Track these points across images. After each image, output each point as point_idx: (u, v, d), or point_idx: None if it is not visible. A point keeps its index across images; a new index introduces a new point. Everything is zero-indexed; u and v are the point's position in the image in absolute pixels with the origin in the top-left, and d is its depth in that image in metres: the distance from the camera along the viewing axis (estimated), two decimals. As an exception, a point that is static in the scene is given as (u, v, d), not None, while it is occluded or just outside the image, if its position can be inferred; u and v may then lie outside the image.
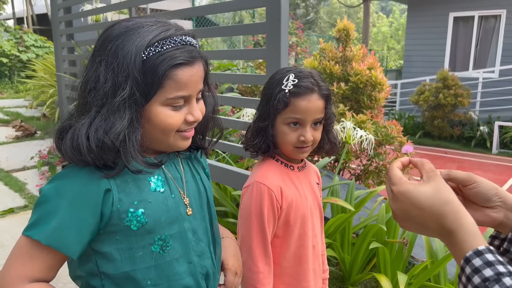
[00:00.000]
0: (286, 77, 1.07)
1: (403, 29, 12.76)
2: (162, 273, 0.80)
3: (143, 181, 0.79)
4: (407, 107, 10.42)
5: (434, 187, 0.62)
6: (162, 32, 0.75)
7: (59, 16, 4.23)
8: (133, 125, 0.74)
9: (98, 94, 0.73)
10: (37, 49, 9.84)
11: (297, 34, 8.01)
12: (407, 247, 2.23)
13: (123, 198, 0.76)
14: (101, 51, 0.75)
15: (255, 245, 1.08)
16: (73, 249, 0.73)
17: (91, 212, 0.73)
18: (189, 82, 0.77)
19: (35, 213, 0.73)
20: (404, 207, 0.64)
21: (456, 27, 10.28)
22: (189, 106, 0.80)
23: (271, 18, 1.89)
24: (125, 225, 0.76)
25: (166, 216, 0.80)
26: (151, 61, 0.73)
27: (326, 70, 4.04)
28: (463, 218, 0.58)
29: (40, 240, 0.70)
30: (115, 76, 0.72)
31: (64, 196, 0.72)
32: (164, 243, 0.80)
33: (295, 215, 1.11)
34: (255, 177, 1.10)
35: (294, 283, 1.15)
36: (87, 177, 0.74)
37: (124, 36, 0.74)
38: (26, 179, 3.63)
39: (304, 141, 1.07)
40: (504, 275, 0.50)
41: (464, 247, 0.56)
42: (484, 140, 8.53)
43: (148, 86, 0.74)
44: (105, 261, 0.77)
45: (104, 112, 0.72)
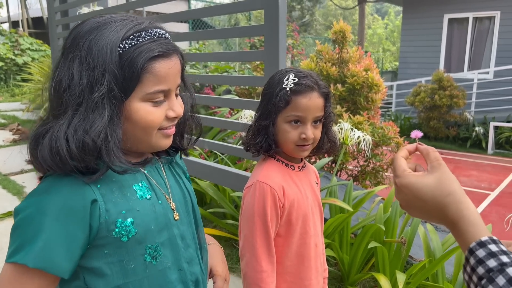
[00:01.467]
0: (286, 77, 1.09)
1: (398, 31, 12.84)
2: (155, 283, 0.77)
3: (129, 189, 0.75)
4: (403, 109, 10.48)
5: (437, 178, 0.62)
6: (136, 25, 0.72)
7: (56, 19, 4.24)
8: (113, 123, 0.70)
9: (74, 93, 0.68)
10: (32, 53, 9.82)
11: (293, 36, 8.04)
12: (405, 246, 2.25)
13: (110, 209, 0.71)
14: (72, 48, 0.71)
15: (258, 245, 1.08)
16: (63, 268, 0.67)
17: (80, 226, 0.68)
18: (168, 75, 0.74)
19: (17, 236, 0.66)
20: (408, 198, 0.65)
21: (450, 29, 10.36)
22: (169, 101, 0.78)
23: (269, 20, 1.91)
24: (114, 237, 0.71)
25: (155, 223, 0.77)
26: (128, 54, 0.70)
27: (323, 72, 4.07)
28: (465, 209, 0.59)
29: (27, 263, 0.64)
30: (91, 72, 0.69)
31: (47, 213, 0.66)
32: (155, 252, 0.77)
33: (297, 214, 1.12)
34: (257, 177, 1.11)
35: (297, 281, 1.16)
36: (69, 189, 0.69)
37: (96, 31, 0.70)
38: (24, 182, 3.63)
39: (305, 139, 1.08)
40: (507, 265, 0.51)
41: (467, 237, 0.57)
42: (480, 140, 8.59)
43: (126, 80, 0.71)
44: (94, 277, 0.72)
45: (82, 111, 0.68)
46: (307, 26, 27.42)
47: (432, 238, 2.28)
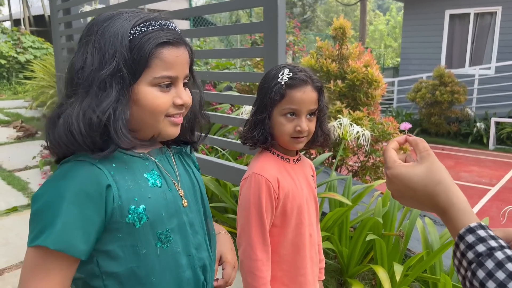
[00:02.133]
0: (281, 71, 1.13)
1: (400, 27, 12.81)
2: (165, 267, 0.80)
3: (140, 177, 0.78)
4: (404, 105, 10.49)
5: (426, 168, 0.64)
6: (147, 15, 0.77)
7: (58, 17, 4.27)
8: (121, 103, 0.73)
9: (86, 73, 0.73)
10: (35, 51, 9.86)
11: (294, 33, 8.05)
12: (403, 239, 2.28)
13: (123, 195, 0.74)
14: (88, 35, 0.76)
15: (253, 234, 1.12)
16: (81, 250, 0.70)
17: (96, 211, 0.72)
18: (175, 63, 0.78)
19: (37, 221, 0.69)
20: (399, 188, 0.67)
21: (452, 25, 10.35)
22: (176, 89, 0.80)
23: (268, 17, 1.94)
24: (127, 222, 0.74)
25: (166, 210, 0.80)
26: (138, 39, 0.74)
27: (323, 68, 4.10)
28: (454, 197, 0.61)
29: (48, 245, 0.67)
30: (102, 54, 0.73)
31: (64, 198, 0.69)
32: (166, 238, 0.80)
33: (291, 205, 1.16)
34: (253, 169, 1.15)
35: (292, 270, 1.20)
36: (85, 175, 0.72)
37: (110, 20, 0.75)
38: (28, 178, 3.68)
39: (300, 131, 1.12)
40: (496, 250, 0.53)
41: (456, 224, 0.59)
42: (481, 136, 8.60)
43: (135, 63, 0.74)
44: (108, 259, 0.75)
45: (92, 91, 0.72)
46: (308, 23, 27.38)
47: (430, 231, 2.31)
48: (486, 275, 0.52)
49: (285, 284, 1.20)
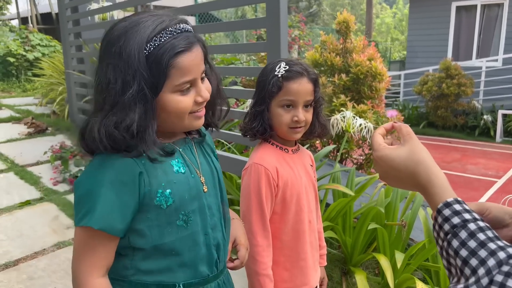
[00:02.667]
0: (278, 65, 1.19)
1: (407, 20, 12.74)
2: (184, 244, 0.90)
3: (167, 165, 0.88)
4: (411, 98, 10.46)
5: (408, 149, 0.70)
6: (158, 26, 0.80)
7: (66, 15, 4.35)
8: (146, 118, 0.80)
9: (111, 94, 0.79)
10: (43, 48, 9.96)
11: (300, 27, 8.07)
12: (405, 229, 2.33)
13: (152, 181, 0.84)
14: (106, 54, 0.81)
15: (254, 221, 1.19)
16: (119, 230, 0.82)
17: (131, 196, 0.82)
18: (191, 67, 0.83)
19: (81, 205, 0.81)
20: (384, 169, 0.73)
21: (458, 17, 10.28)
22: (196, 88, 0.86)
23: (271, 13, 1.99)
24: (155, 204, 0.85)
25: (189, 193, 0.89)
26: (154, 55, 0.79)
27: (327, 62, 4.14)
28: (433, 176, 0.66)
29: (94, 226, 0.79)
30: (124, 75, 0.78)
31: (104, 184, 0.80)
32: (187, 218, 0.89)
33: (291, 192, 1.22)
34: (253, 159, 1.21)
35: (293, 255, 1.26)
36: (120, 164, 0.81)
37: (124, 37, 0.79)
38: (40, 173, 3.77)
39: (297, 121, 1.18)
40: (469, 221, 0.58)
41: (435, 200, 0.64)
42: (488, 128, 8.58)
43: (155, 78, 0.79)
44: (137, 237, 0.86)
45: (116, 109, 0.79)
46: (314, 17, 27.27)
47: (432, 221, 2.36)
48: (459, 244, 0.57)
49: (287, 268, 1.26)
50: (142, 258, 0.88)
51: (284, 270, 1.26)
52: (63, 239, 2.67)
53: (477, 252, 0.55)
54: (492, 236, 0.57)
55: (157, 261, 0.88)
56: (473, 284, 0.54)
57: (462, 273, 0.57)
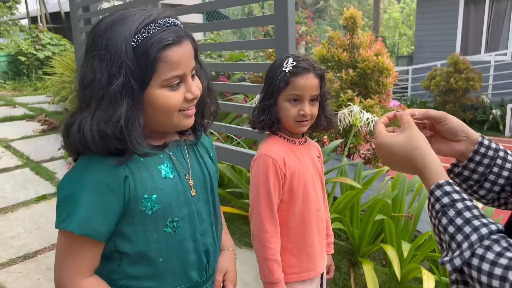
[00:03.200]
0: (285, 61, 1.24)
1: (415, 15, 12.66)
2: (172, 250, 0.87)
3: (154, 169, 0.84)
4: (419, 93, 10.43)
5: (407, 136, 0.75)
6: (146, 18, 0.77)
7: (78, 14, 4.44)
8: (132, 112, 0.76)
9: (96, 88, 0.75)
10: (53, 47, 10.10)
11: (307, 23, 8.08)
12: (412, 220, 2.38)
13: (138, 186, 0.81)
14: (92, 47, 0.78)
15: (262, 208, 1.24)
16: (102, 235, 0.79)
17: (115, 200, 0.79)
18: (181, 61, 0.80)
19: (63, 208, 0.77)
20: (384, 154, 0.79)
21: (467, 11, 10.20)
22: (185, 84, 0.83)
23: (279, 10, 2.04)
24: (140, 210, 0.82)
25: (176, 200, 0.86)
26: (141, 47, 0.76)
27: (335, 58, 4.17)
28: (428, 160, 0.72)
29: (73, 230, 0.75)
30: (109, 67, 0.75)
31: (87, 187, 0.76)
32: (176, 225, 0.87)
33: (298, 182, 1.27)
34: (262, 151, 1.27)
35: (300, 241, 1.31)
36: (104, 167, 0.78)
37: (111, 29, 0.76)
38: (54, 169, 3.87)
39: (304, 115, 1.23)
40: (457, 201, 0.64)
41: (430, 183, 0.70)
42: (497, 123, 8.54)
43: (143, 71, 0.76)
44: (123, 241, 0.83)
45: (103, 103, 0.75)
46: (321, 12, 27.16)
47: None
48: (448, 221, 0.64)
49: (294, 254, 1.31)
50: (130, 263, 0.85)
51: (291, 256, 1.31)
52: (78, 232, 2.76)
53: (462, 228, 0.62)
54: (478, 214, 0.63)
55: (144, 266, 0.86)
56: (457, 256, 0.60)
57: (450, 247, 0.63)
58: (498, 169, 0.79)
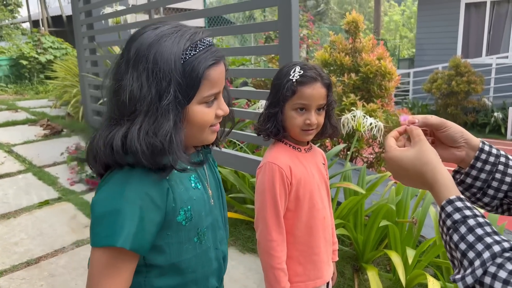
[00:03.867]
0: (293, 69, 1.24)
1: (416, 17, 12.68)
2: (199, 260, 0.90)
3: (187, 181, 0.87)
4: (420, 96, 10.43)
5: (417, 150, 0.75)
6: (192, 36, 0.80)
7: (80, 19, 4.45)
8: (177, 126, 0.78)
9: (144, 101, 0.76)
10: (54, 51, 10.11)
11: (308, 26, 8.09)
12: (416, 226, 2.37)
13: (176, 198, 0.82)
14: (138, 60, 0.78)
15: (269, 217, 1.24)
16: (146, 249, 0.79)
17: (159, 214, 0.79)
18: (219, 80, 0.84)
19: (106, 223, 0.75)
20: (394, 169, 0.78)
21: (468, 14, 10.21)
22: (218, 101, 0.87)
23: (283, 16, 2.05)
24: (177, 221, 0.83)
25: (204, 209, 0.90)
26: (190, 64, 0.79)
27: (337, 62, 4.17)
28: (439, 175, 0.71)
29: (124, 246, 0.73)
30: (158, 81, 0.76)
31: (131, 201, 0.75)
32: (202, 234, 0.89)
33: (303, 190, 1.27)
34: (267, 158, 1.27)
35: (307, 249, 1.31)
36: (148, 180, 0.78)
37: (158, 44, 0.78)
38: (57, 174, 3.87)
39: (310, 124, 1.23)
40: (469, 217, 0.63)
41: (440, 197, 0.69)
42: (499, 126, 8.54)
43: (189, 87, 0.79)
44: (155, 254, 0.83)
45: (151, 116, 0.76)
46: (322, 15, 27.21)
47: (441, 218, 2.39)
48: (459, 238, 0.63)
49: (301, 263, 1.31)
50: (158, 275, 0.85)
51: (297, 264, 1.31)
52: (81, 237, 2.75)
53: (474, 245, 0.61)
54: (490, 231, 0.62)
55: (172, 277, 0.87)
56: (469, 274, 0.59)
57: (462, 264, 0.62)
58: (501, 175, 0.79)
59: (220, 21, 11.60)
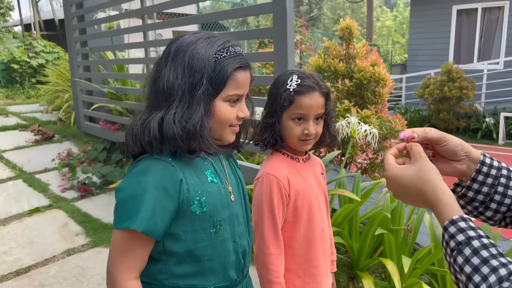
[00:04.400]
0: (290, 78, 1.21)
1: (408, 23, 12.78)
2: (215, 250, 0.96)
3: (202, 174, 0.95)
4: (413, 101, 10.49)
5: (417, 168, 0.72)
6: (225, 42, 0.93)
7: (73, 24, 4.41)
8: (207, 115, 0.90)
9: (179, 89, 0.88)
10: (46, 55, 10.03)
11: (301, 31, 8.11)
12: (411, 233, 2.36)
13: (190, 189, 0.90)
14: (176, 55, 0.91)
15: (266, 230, 1.21)
16: (159, 233, 0.88)
17: (171, 202, 0.88)
18: (244, 83, 0.95)
19: (124, 208, 0.86)
20: (394, 187, 0.76)
21: (459, 20, 10.32)
22: (240, 104, 0.98)
23: (277, 23, 2.03)
24: (191, 211, 0.91)
25: (221, 203, 0.96)
26: (220, 63, 0.91)
27: (331, 68, 4.17)
28: (440, 194, 0.69)
29: (137, 228, 0.84)
30: (193, 74, 0.89)
31: (147, 190, 0.85)
32: (219, 225, 0.96)
33: (302, 201, 1.24)
34: (265, 170, 1.24)
35: (305, 262, 1.28)
36: (163, 171, 0.88)
37: (195, 45, 0.91)
38: (48, 180, 3.81)
39: (308, 134, 1.21)
40: (473, 239, 0.61)
41: (443, 217, 0.67)
42: (490, 131, 8.60)
43: (217, 83, 0.90)
44: (172, 241, 0.92)
45: (184, 104, 0.88)
46: (315, 21, 27.34)
47: (437, 225, 2.38)
48: (464, 260, 0.60)
49: (299, 276, 1.28)
50: (176, 262, 0.93)
51: (296, 277, 1.28)
52: (72, 246, 2.71)
53: (479, 268, 0.58)
54: (496, 253, 0.60)
55: (190, 265, 0.94)
56: None
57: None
58: (503, 189, 0.77)
59: (214, 27, 11.60)
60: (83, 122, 4.84)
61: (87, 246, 2.71)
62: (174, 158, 0.90)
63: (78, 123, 5.02)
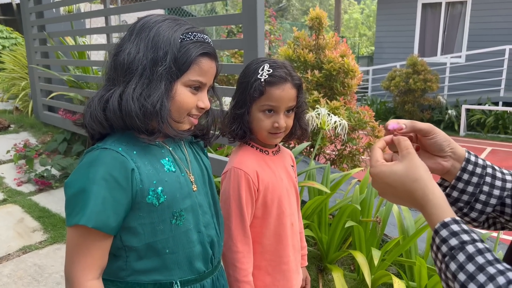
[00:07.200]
0: (261, 67, 1.14)
1: (374, 16, 12.97)
2: (178, 242, 0.91)
3: (158, 163, 0.90)
4: (379, 93, 10.68)
5: (405, 165, 0.67)
6: (192, 28, 0.90)
7: (29, 6, 4.14)
8: (168, 94, 0.85)
9: (139, 65, 0.84)
10: (3, 41, 9.48)
11: (270, 22, 8.04)
12: (380, 225, 2.36)
13: (144, 179, 0.85)
14: (141, 31, 0.87)
15: (234, 227, 1.15)
16: (113, 228, 0.82)
17: (124, 194, 0.82)
18: (208, 72, 0.91)
19: (74, 204, 0.80)
20: (381, 186, 0.70)
21: (424, 14, 10.55)
22: (201, 94, 0.93)
23: (247, 9, 1.95)
24: (147, 202, 0.86)
25: (180, 192, 0.91)
26: (186, 44, 0.87)
27: (300, 58, 4.13)
28: (430, 193, 0.64)
29: (87, 224, 0.78)
30: (156, 50, 0.84)
31: (96, 181, 0.79)
32: (180, 216, 0.91)
33: (272, 196, 1.19)
34: (233, 163, 1.17)
35: (275, 259, 1.23)
36: (112, 161, 0.82)
37: (162, 23, 0.87)
38: (3, 173, 3.59)
39: (278, 127, 1.14)
40: (467, 243, 0.56)
41: (433, 219, 0.62)
42: (452, 123, 8.87)
43: (180, 64, 0.86)
44: (130, 235, 0.87)
45: (144, 81, 0.84)
46: (284, 11, 27.31)
47: (405, 217, 2.40)
48: (457, 267, 0.55)
49: (269, 273, 1.23)
50: (137, 258, 0.89)
51: (266, 275, 1.23)
52: (29, 243, 2.55)
53: (475, 276, 0.53)
54: (492, 259, 0.55)
55: (151, 259, 0.89)
56: None
57: None
58: (489, 188, 0.73)
59: (181, 14, 11.33)
60: (42, 112, 4.59)
61: (45, 243, 2.56)
62: (126, 146, 0.85)
63: (36, 113, 4.76)
